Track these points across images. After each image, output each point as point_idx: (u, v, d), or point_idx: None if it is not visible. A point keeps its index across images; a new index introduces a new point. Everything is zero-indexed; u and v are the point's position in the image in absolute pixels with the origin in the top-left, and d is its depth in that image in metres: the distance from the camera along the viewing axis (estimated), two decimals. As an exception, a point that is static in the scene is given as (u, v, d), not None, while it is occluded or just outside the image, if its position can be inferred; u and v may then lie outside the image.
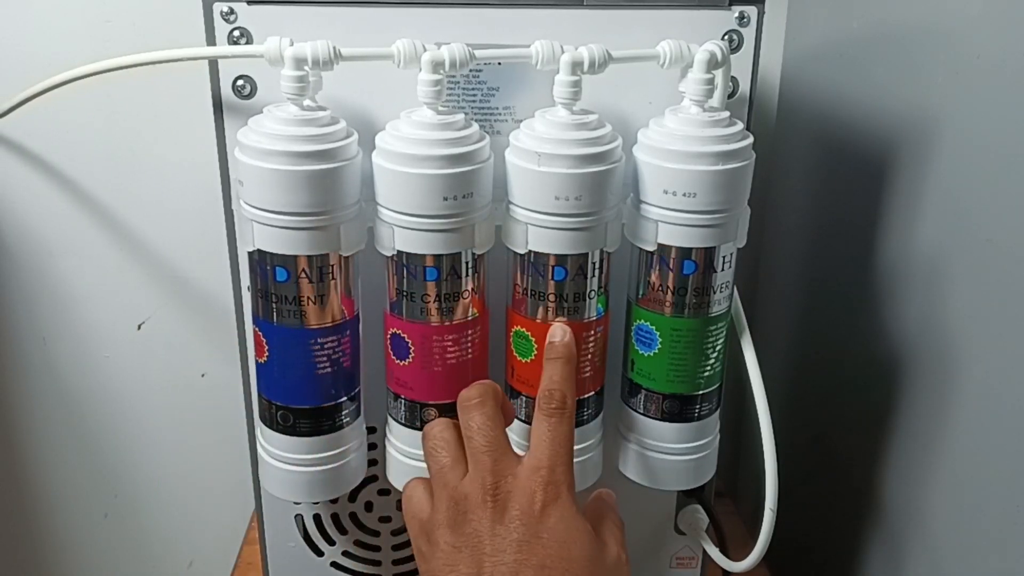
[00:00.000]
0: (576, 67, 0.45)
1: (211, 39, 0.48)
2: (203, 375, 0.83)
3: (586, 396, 0.51)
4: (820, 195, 0.70)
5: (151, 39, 0.70)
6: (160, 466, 0.87)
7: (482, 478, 0.45)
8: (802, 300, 0.75)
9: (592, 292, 0.49)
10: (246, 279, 0.51)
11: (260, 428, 0.52)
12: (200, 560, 0.91)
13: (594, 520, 0.46)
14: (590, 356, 0.50)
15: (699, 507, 0.60)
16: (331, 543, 0.60)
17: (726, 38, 0.49)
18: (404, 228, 0.46)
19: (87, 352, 0.81)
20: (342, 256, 0.47)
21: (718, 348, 0.51)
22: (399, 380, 0.50)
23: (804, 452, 0.71)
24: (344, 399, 0.50)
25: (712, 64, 0.47)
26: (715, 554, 0.59)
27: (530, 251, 0.47)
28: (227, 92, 0.49)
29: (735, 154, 0.46)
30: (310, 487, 0.51)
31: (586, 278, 0.48)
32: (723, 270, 0.49)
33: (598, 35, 0.48)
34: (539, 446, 0.45)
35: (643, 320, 0.50)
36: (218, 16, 0.48)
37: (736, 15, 0.49)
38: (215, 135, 0.50)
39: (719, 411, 0.53)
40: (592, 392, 0.51)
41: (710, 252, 0.48)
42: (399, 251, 0.47)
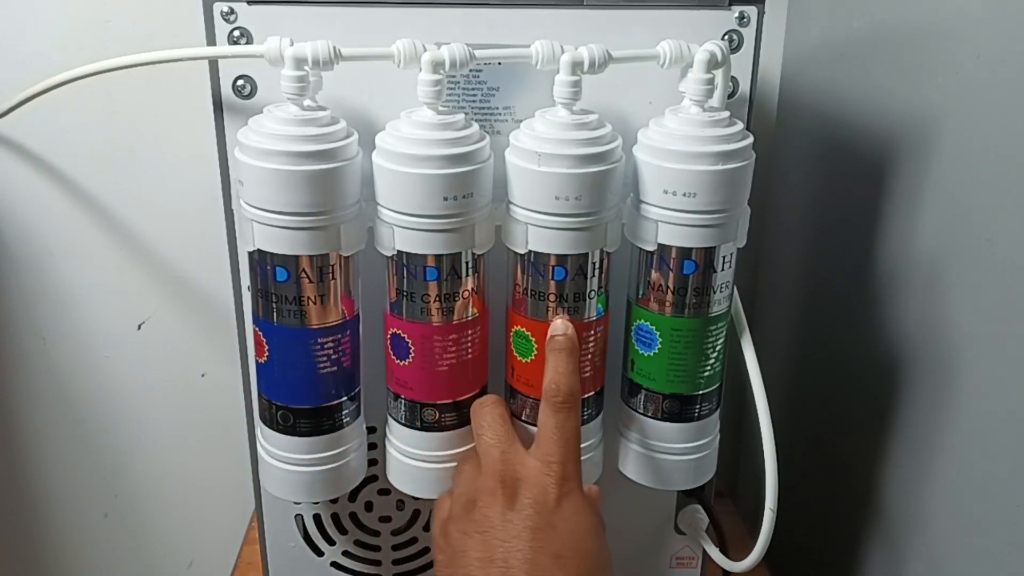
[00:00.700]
0: (576, 67, 0.45)
1: (211, 39, 0.48)
2: (203, 375, 0.83)
3: (586, 396, 0.51)
4: (820, 195, 0.70)
5: (151, 39, 0.70)
6: (160, 466, 0.87)
7: (491, 468, 0.45)
8: (802, 300, 0.75)
9: (592, 292, 0.49)
10: (246, 279, 0.51)
11: (260, 428, 0.52)
12: (200, 560, 0.91)
13: None
14: (590, 356, 0.50)
15: (699, 507, 0.60)
16: (331, 543, 0.60)
17: (726, 38, 0.49)
18: (404, 228, 0.46)
19: (87, 352, 0.81)
20: (342, 256, 0.47)
21: (718, 348, 0.51)
22: (399, 380, 0.50)
23: (804, 452, 0.71)
24: (344, 399, 0.50)
25: (712, 64, 0.47)
26: (715, 554, 0.59)
27: (530, 251, 0.47)
28: (227, 92, 0.49)
29: (735, 154, 0.46)
30: (310, 487, 0.51)
31: (586, 278, 0.48)
32: (723, 270, 0.49)
33: (598, 35, 0.48)
34: (549, 440, 0.46)
35: (643, 320, 0.50)
36: (218, 16, 0.48)
37: (736, 15, 0.49)
38: (215, 135, 0.50)
39: (719, 411, 0.53)
40: (592, 392, 0.51)
41: (710, 252, 0.48)
42: (399, 251, 0.47)
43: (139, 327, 0.81)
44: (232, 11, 0.47)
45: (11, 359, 0.81)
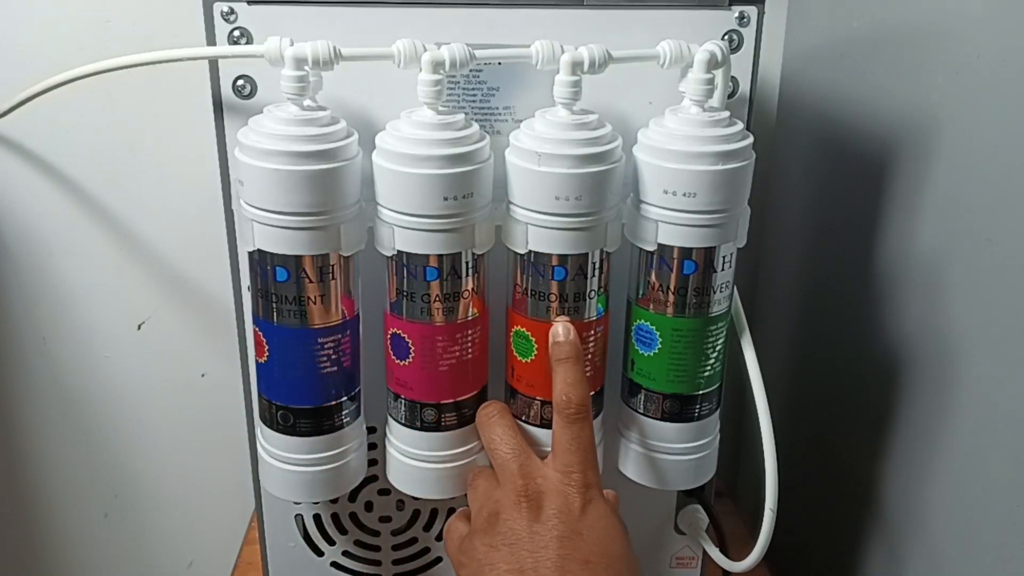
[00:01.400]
0: (576, 67, 0.45)
1: (211, 39, 0.48)
2: (203, 375, 0.83)
3: (586, 396, 0.51)
4: (820, 195, 0.70)
5: (151, 39, 0.70)
6: (160, 466, 0.86)
7: (512, 482, 0.46)
8: (802, 300, 0.75)
9: (592, 292, 0.48)
10: (246, 279, 0.51)
11: (260, 428, 0.52)
12: (200, 560, 0.91)
13: None
14: (590, 356, 0.50)
15: (699, 507, 0.60)
16: (331, 543, 0.60)
17: (726, 38, 0.49)
18: (404, 228, 0.46)
19: (87, 352, 0.81)
20: (342, 256, 0.47)
21: (718, 348, 0.51)
22: (399, 380, 0.50)
23: (804, 452, 0.71)
24: (344, 399, 0.50)
25: (712, 64, 0.47)
26: (715, 554, 0.59)
27: (530, 251, 0.47)
28: (227, 92, 0.49)
29: (735, 154, 0.46)
30: (310, 487, 0.51)
31: (586, 278, 0.48)
32: (723, 270, 0.49)
33: (598, 35, 0.48)
34: (566, 451, 0.46)
35: (643, 320, 0.50)
36: (218, 16, 0.48)
37: (736, 15, 0.49)
38: (215, 135, 0.50)
39: (719, 411, 0.53)
40: (592, 392, 0.51)
41: (710, 252, 0.48)
42: (399, 251, 0.47)
43: (139, 327, 0.81)
44: (232, 11, 0.47)
45: (11, 359, 0.81)
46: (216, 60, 0.49)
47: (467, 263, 0.48)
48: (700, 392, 0.51)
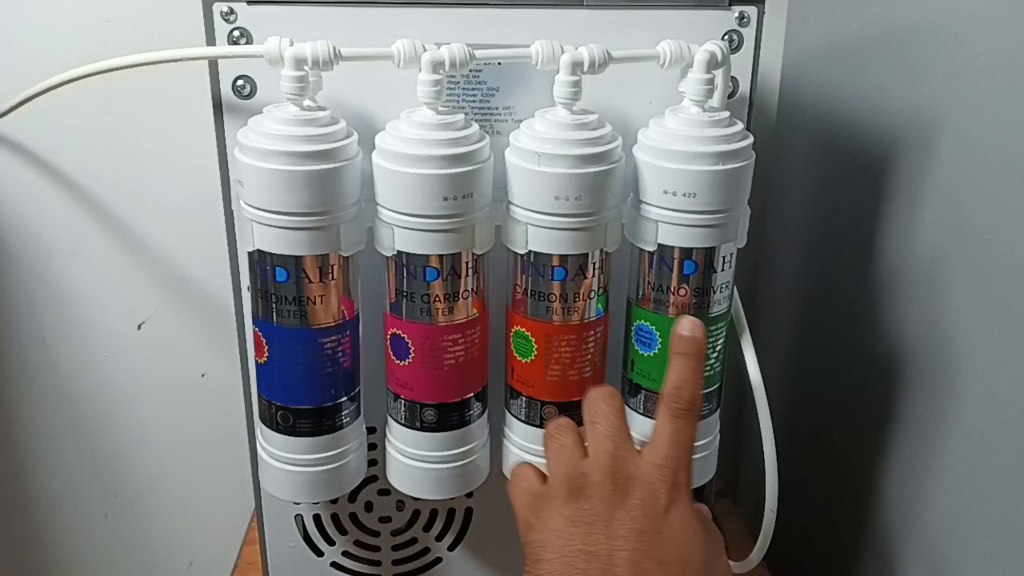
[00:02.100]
0: (576, 67, 0.45)
1: (211, 39, 0.48)
2: (203, 375, 0.83)
3: (586, 396, 0.51)
4: (820, 195, 0.70)
5: (151, 39, 0.70)
6: (160, 466, 0.87)
7: (603, 461, 0.44)
8: (802, 300, 0.75)
9: (592, 292, 0.48)
10: (246, 279, 0.51)
11: (260, 428, 0.52)
12: (200, 560, 0.91)
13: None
14: (590, 356, 0.50)
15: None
16: (331, 543, 0.60)
17: (726, 38, 0.49)
18: (404, 228, 0.46)
19: (87, 352, 0.81)
20: (342, 256, 0.47)
21: (718, 348, 0.51)
22: (399, 380, 0.50)
23: (804, 452, 0.71)
24: (344, 399, 0.50)
25: (712, 64, 0.47)
26: (715, 554, 0.59)
27: (530, 251, 0.47)
28: (227, 92, 0.49)
29: (735, 154, 0.46)
30: (310, 487, 0.51)
31: (586, 278, 0.48)
32: (723, 270, 0.49)
33: (598, 35, 0.48)
34: (663, 444, 0.45)
35: (643, 320, 0.50)
36: (218, 16, 0.48)
37: (736, 15, 0.49)
38: (215, 135, 0.50)
39: (719, 411, 0.53)
40: (592, 392, 0.51)
41: (710, 252, 0.48)
42: (399, 251, 0.47)
43: (139, 327, 0.81)
44: (232, 11, 0.47)
45: (11, 359, 0.81)
46: (216, 60, 0.49)
47: (467, 263, 0.48)
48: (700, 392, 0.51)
